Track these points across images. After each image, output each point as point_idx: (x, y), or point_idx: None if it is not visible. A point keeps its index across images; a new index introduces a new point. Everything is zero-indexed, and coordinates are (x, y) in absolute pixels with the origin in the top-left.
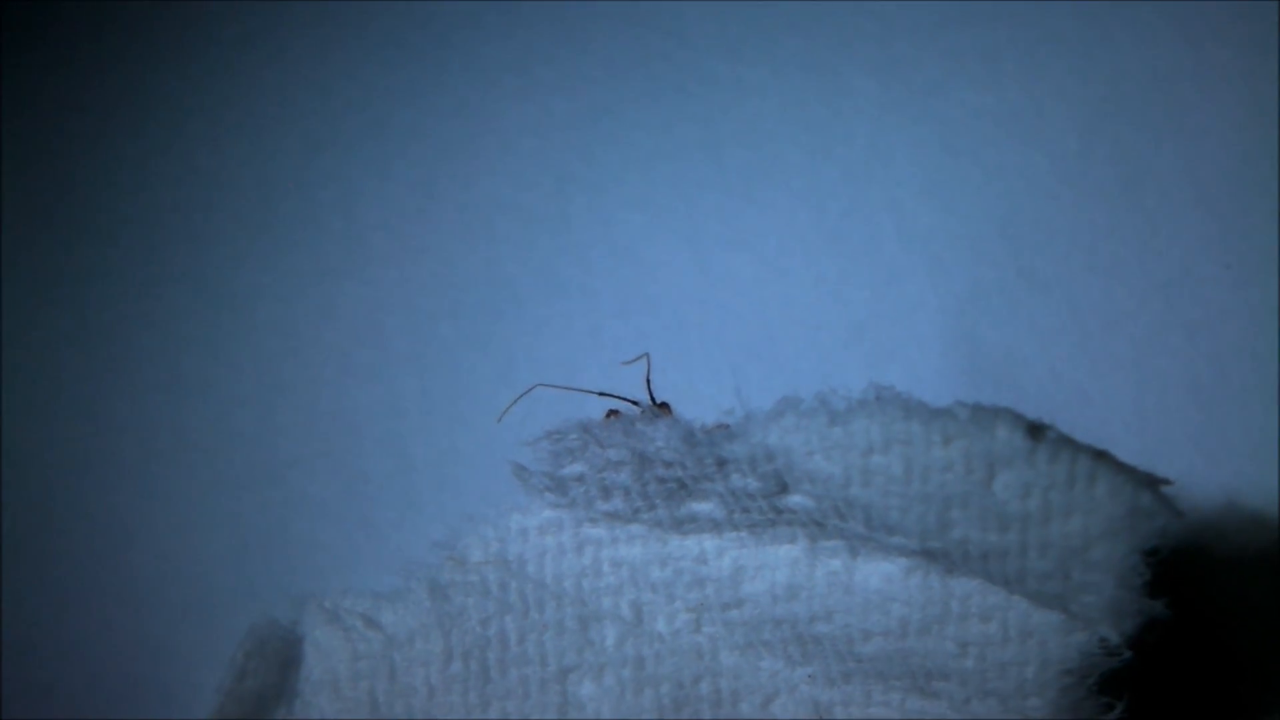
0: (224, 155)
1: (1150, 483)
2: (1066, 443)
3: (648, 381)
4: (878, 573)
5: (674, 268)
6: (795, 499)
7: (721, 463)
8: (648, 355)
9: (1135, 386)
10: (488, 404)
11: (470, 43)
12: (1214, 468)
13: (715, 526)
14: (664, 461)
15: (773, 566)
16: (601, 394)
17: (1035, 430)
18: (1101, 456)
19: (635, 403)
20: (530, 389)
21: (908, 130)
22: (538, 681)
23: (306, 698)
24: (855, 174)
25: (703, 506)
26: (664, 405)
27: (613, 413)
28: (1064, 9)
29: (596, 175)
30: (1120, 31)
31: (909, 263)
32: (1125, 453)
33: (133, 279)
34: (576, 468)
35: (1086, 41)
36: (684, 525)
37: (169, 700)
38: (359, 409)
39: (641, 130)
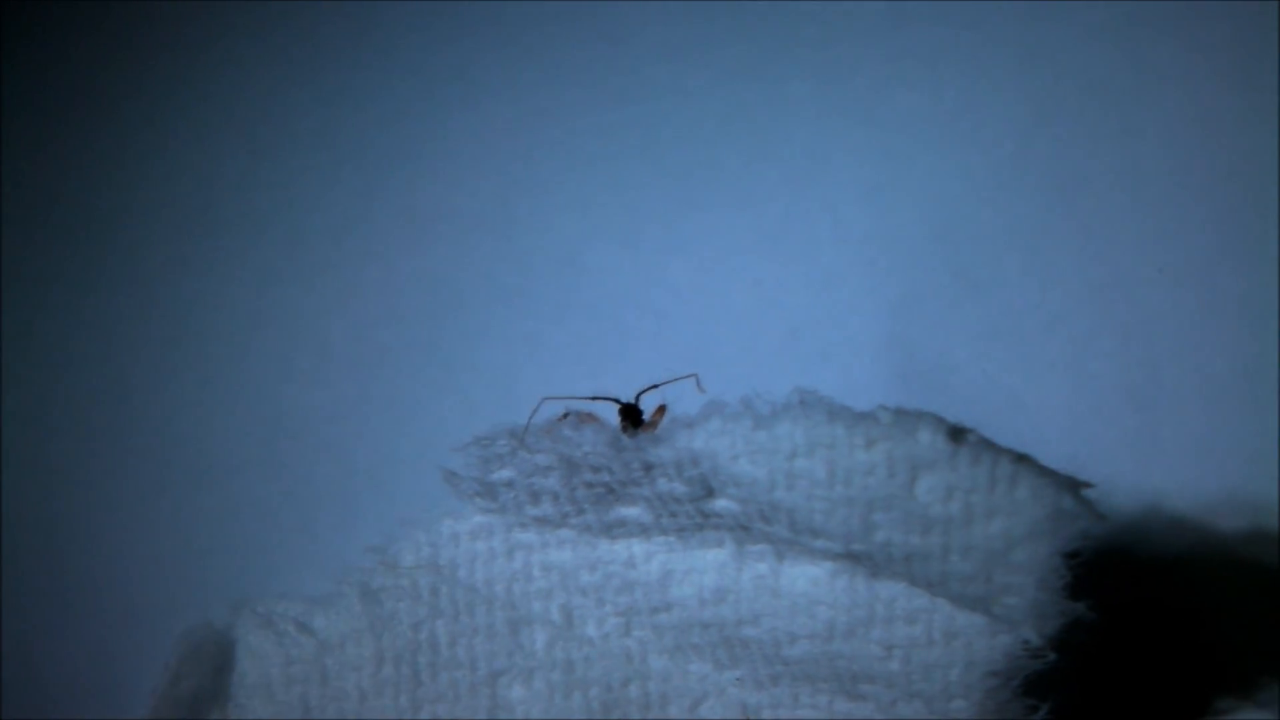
0: (165, 161)
1: (1072, 485)
2: (988, 446)
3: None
4: (804, 576)
5: (612, 271)
6: (721, 503)
7: (648, 467)
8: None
9: (1068, 389)
10: (427, 409)
11: (411, 48)
12: (1146, 471)
13: (643, 531)
14: (591, 466)
15: (700, 570)
16: (596, 398)
17: (957, 434)
18: (1023, 460)
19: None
20: (539, 403)
21: (845, 134)
22: (468, 685)
23: (240, 701)
24: (793, 178)
25: (630, 511)
26: (660, 409)
27: (580, 414)
28: (1002, 12)
29: (536, 179)
30: (1057, 34)
31: (845, 266)
32: (1057, 456)
33: (71, 282)
34: (505, 473)
35: (1023, 44)
36: (613, 530)
37: (106, 703)
38: (298, 414)
39: (581, 135)
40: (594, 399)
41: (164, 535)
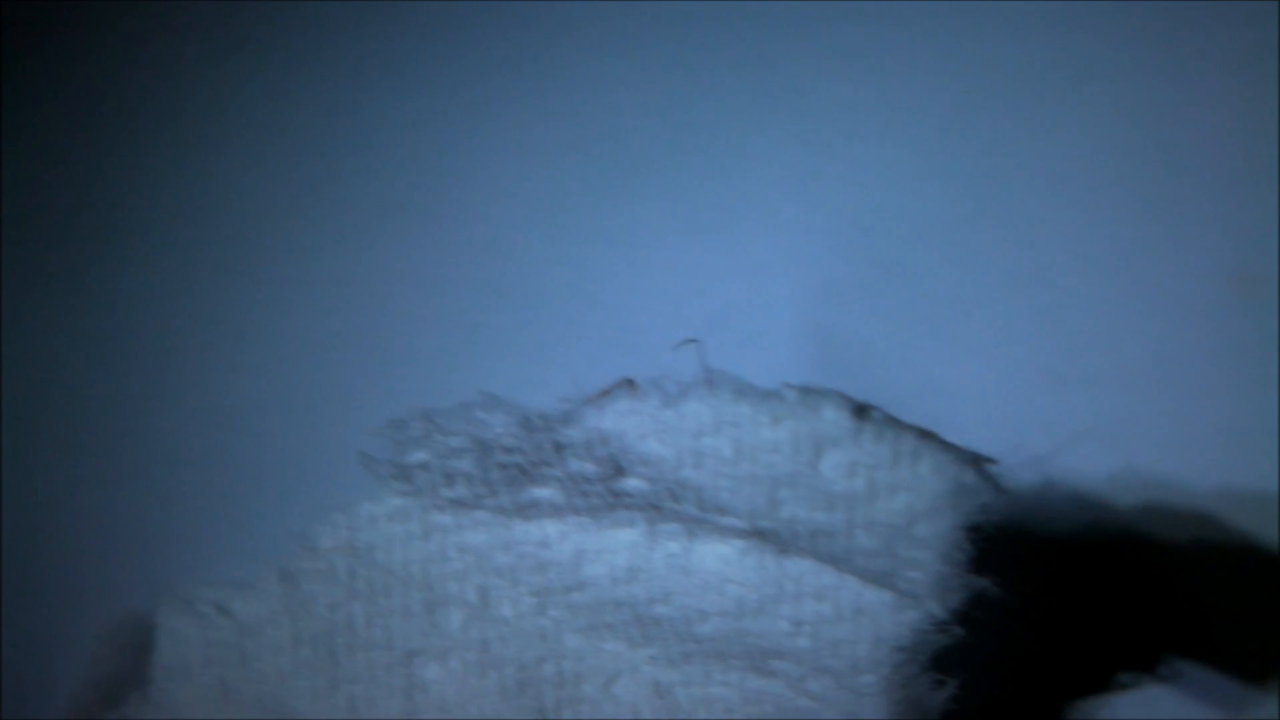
0: (95, 152)
1: (974, 460)
2: (891, 423)
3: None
4: (714, 554)
5: (538, 260)
6: (631, 483)
7: (559, 447)
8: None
9: (987, 374)
10: (350, 396)
11: (345, 40)
12: (1064, 452)
13: (556, 511)
14: (503, 447)
15: (613, 550)
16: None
17: (861, 411)
18: (926, 436)
19: None
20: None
21: (769, 124)
22: (384, 665)
23: (160, 684)
24: (718, 167)
25: (543, 492)
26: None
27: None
28: (924, 5)
29: (464, 169)
30: (980, 24)
31: (767, 256)
32: (976, 440)
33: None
34: (420, 455)
35: (947, 34)
36: (526, 510)
37: (33, 690)
38: (225, 404)
39: (509, 125)
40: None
41: (89, 526)
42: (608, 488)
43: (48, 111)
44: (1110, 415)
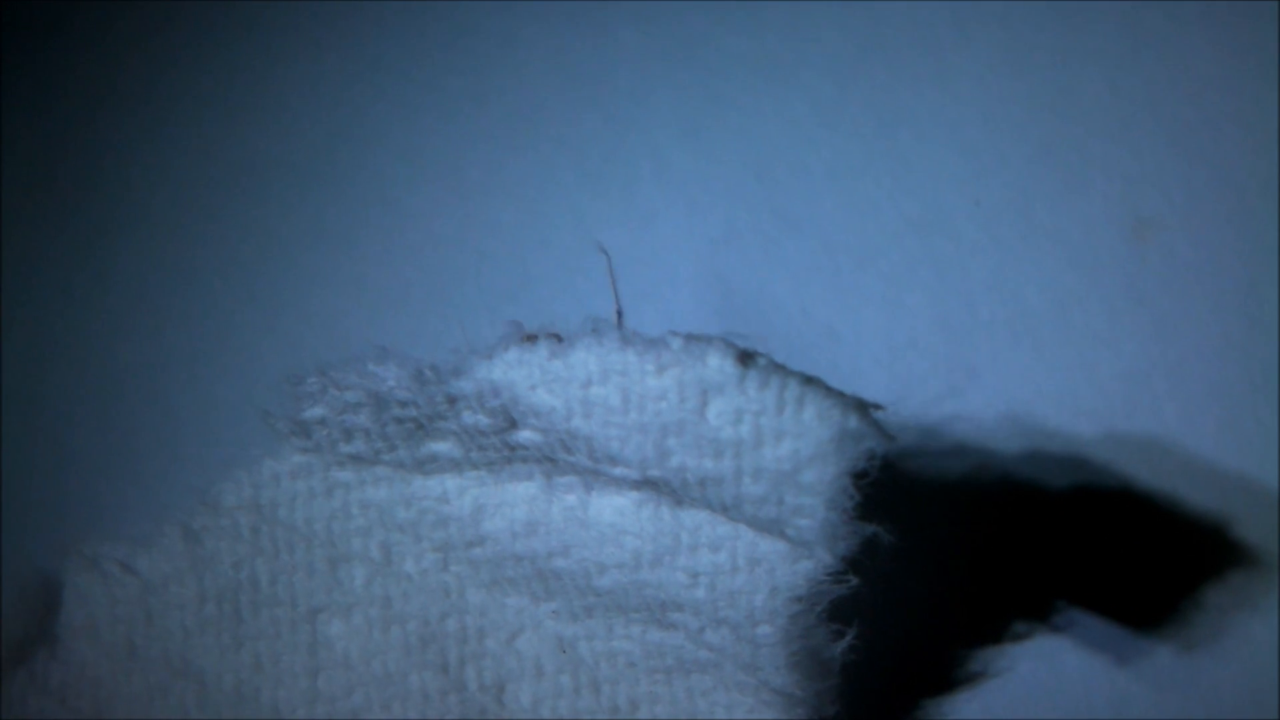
0: None
1: (859, 406)
2: (776, 369)
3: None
4: (611, 506)
5: (435, 214)
6: (524, 435)
7: (452, 400)
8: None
9: (885, 322)
10: (252, 354)
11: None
12: (962, 401)
13: (455, 465)
14: (398, 401)
15: (511, 504)
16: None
17: (746, 358)
18: (810, 382)
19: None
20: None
21: (669, 77)
22: (288, 622)
23: (67, 642)
24: (616, 120)
25: (441, 446)
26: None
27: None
28: None
29: (364, 128)
30: None
31: (665, 205)
32: (872, 388)
33: None
34: (317, 410)
35: None
36: (425, 465)
37: None
38: (126, 363)
39: (408, 83)
40: None
41: None
42: (502, 440)
43: None
44: (1005, 363)
